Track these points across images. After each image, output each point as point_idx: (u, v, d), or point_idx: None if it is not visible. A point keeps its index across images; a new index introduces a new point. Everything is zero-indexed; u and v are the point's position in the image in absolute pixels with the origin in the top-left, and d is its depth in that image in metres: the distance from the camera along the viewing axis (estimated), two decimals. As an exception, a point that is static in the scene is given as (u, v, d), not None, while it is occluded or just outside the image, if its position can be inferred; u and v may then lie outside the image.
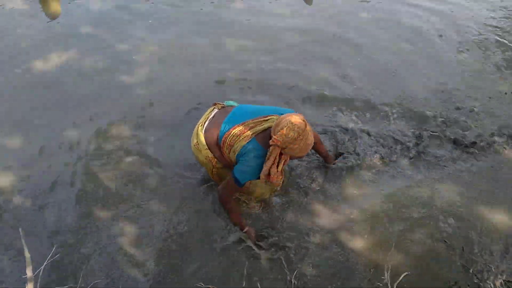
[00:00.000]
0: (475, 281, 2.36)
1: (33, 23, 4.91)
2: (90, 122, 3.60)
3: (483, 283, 2.15)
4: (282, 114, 2.51)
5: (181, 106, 3.78)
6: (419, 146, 3.49)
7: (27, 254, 1.94)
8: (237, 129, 2.52)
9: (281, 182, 2.57)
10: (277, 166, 2.44)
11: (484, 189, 3.21)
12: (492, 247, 2.83)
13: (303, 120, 2.31)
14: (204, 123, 2.78)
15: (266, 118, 2.54)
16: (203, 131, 2.73)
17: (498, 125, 3.73)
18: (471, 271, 2.46)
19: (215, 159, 2.72)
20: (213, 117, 2.79)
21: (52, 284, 2.53)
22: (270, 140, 2.34)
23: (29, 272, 1.92)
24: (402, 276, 2.03)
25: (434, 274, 2.68)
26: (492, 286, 2.00)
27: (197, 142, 2.74)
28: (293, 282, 2.55)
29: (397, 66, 4.40)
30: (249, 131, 2.49)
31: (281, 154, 2.41)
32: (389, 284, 1.95)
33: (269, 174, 2.47)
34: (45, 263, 2.19)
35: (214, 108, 2.88)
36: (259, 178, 2.54)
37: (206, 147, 2.70)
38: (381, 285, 2.34)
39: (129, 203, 3.02)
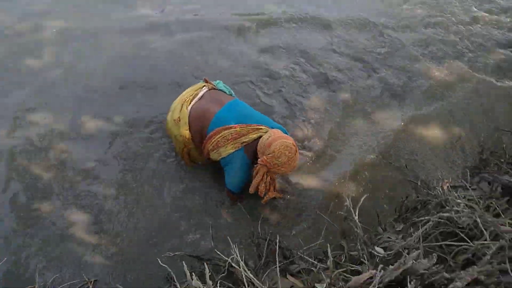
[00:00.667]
0: (424, 191, 2.56)
1: None
2: (5, 111, 3.20)
3: (432, 191, 2.34)
4: (272, 127, 2.49)
5: (99, 83, 3.45)
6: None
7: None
8: (228, 132, 2.43)
9: (275, 196, 2.64)
10: (265, 183, 2.45)
11: (416, 108, 3.45)
12: (434, 159, 3.09)
13: (294, 145, 2.30)
14: (191, 100, 2.63)
15: (259, 127, 2.46)
16: (188, 109, 2.59)
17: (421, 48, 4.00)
18: (418, 183, 2.66)
19: (190, 141, 2.61)
20: (202, 97, 2.65)
21: (7, 290, 2.33)
22: (259, 160, 2.33)
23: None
24: (362, 199, 2.13)
25: (387, 193, 2.88)
26: (441, 190, 2.17)
27: (179, 117, 2.59)
28: (259, 231, 2.58)
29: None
30: (240, 139, 2.42)
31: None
32: (351, 209, 2.03)
33: (257, 188, 2.48)
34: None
35: (204, 86, 2.73)
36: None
37: (187, 127, 2.57)
38: (342, 213, 2.46)
39: (71, 190, 2.80)
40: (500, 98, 3.62)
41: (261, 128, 2.45)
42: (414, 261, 1.76)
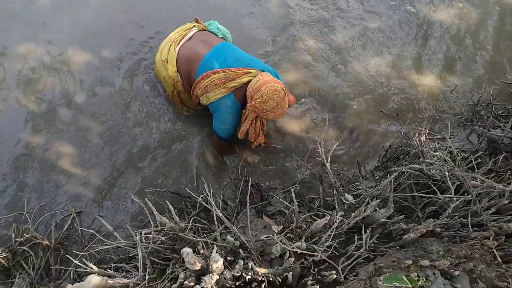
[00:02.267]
0: (405, 140, 2.52)
1: None
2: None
3: (410, 141, 2.30)
4: (263, 69, 2.40)
5: (89, 17, 3.33)
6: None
7: None
8: (216, 76, 2.36)
9: (261, 143, 2.62)
10: (255, 128, 2.45)
11: (413, 56, 3.27)
12: (426, 108, 3.00)
13: (283, 90, 2.23)
14: (180, 40, 2.55)
15: (248, 70, 2.36)
16: (176, 50, 2.52)
17: None
18: (402, 132, 2.61)
19: (180, 83, 2.57)
20: (191, 38, 2.56)
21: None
22: (248, 105, 2.28)
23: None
24: (334, 147, 2.12)
25: (375, 141, 2.85)
26: (418, 141, 2.14)
27: (166, 59, 2.53)
28: (239, 172, 2.63)
29: None
30: (228, 83, 2.35)
31: (256, 116, 2.39)
32: (323, 156, 2.03)
33: (247, 133, 2.49)
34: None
35: (194, 26, 2.63)
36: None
37: (176, 69, 2.51)
38: (319, 158, 2.45)
39: (59, 122, 2.84)
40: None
41: (251, 72, 2.39)
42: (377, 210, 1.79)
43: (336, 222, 1.70)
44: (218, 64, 2.39)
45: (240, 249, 1.75)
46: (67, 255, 2.09)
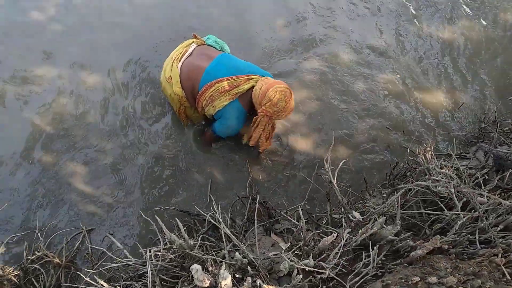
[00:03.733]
0: (411, 157, 2.53)
1: None
2: (9, 65, 3.26)
3: (417, 158, 2.32)
4: (262, 75, 2.49)
5: (97, 40, 3.46)
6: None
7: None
8: (220, 85, 2.45)
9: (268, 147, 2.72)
10: (266, 132, 2.55)
11: (416, 76, 3.32)
12: (433, 126, 3.02)
13: (288, 88, 2.33)
14: (181, 57, 2.64)
15: (250, 76, 2.46)
16: (179, 67, 2.61)
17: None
18: (408, 149, 2.62)
19: (185, 98, 2.65)
20: (191, 54, 2.65)
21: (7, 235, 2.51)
22: (259, 111, 2.38)
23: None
24: (341, 164, 2.14)
25: (382, 159, 2.86)
26: (424, 158, 2.15)
27: (170, 76, 2.62)
28: (246, 190, 2.65)
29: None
30: (233, 90, 2.44)
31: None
32: (329, 173, 2.05)
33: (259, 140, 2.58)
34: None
35: (193, 42, 2.73)
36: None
37: (180, 85, 2.60)
38: (326, 176, 2.47)
39: (71, 143, 2.91)
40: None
41: (252, 78, 2.47)
42: (384, 227, 1.80)
43: (343, 239, 1.71)
44: (221, 73, 2.47)
45: (249, 267, 1.76)
46: (78, 273, 2.12)
